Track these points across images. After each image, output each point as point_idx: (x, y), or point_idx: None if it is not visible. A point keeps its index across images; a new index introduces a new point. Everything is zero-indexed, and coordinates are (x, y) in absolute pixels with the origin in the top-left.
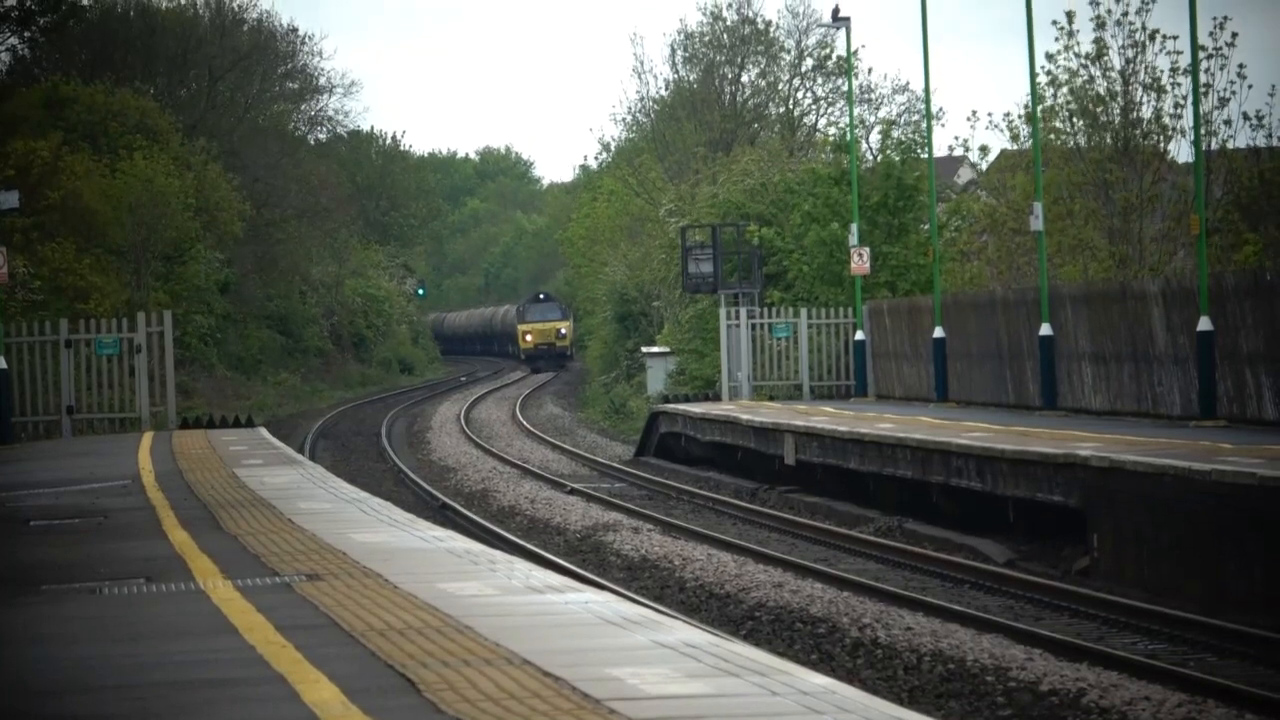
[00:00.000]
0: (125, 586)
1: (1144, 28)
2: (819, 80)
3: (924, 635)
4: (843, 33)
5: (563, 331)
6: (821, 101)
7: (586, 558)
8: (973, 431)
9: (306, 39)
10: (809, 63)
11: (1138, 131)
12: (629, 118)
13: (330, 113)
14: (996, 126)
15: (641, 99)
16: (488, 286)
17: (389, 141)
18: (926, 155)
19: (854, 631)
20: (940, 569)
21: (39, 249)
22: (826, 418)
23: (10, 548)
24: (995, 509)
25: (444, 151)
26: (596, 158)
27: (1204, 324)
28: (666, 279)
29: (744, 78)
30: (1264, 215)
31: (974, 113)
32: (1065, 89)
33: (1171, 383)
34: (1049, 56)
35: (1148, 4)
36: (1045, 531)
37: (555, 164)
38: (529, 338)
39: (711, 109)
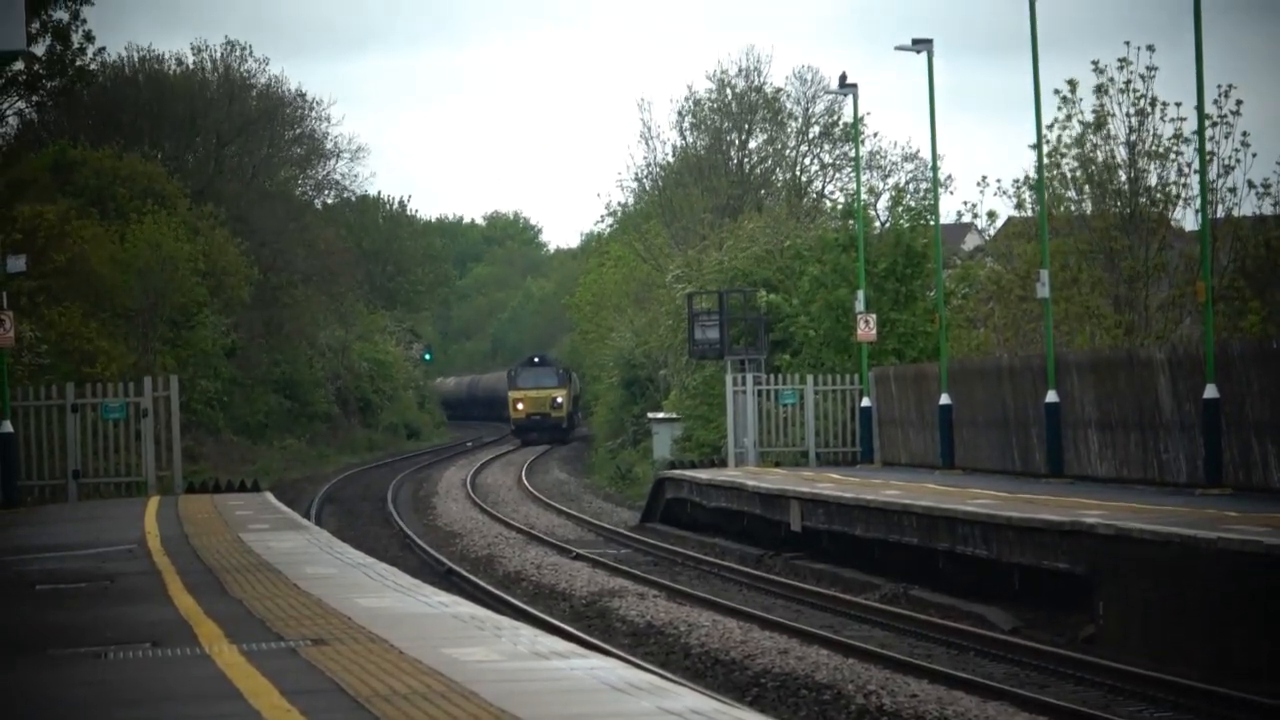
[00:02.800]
0: (131, 651)
1: (1148, 95)
2: (826, 147)
3: (929, 703)
4: (849, 99)
5: (558, 400)
6: (829, 168)
7: (592, 624)
8: (979, 498)
9: (314, 104)
10: (816, 129)
11: (1144, 200)
12: (636, 184)
13: (337, 177)
14: (1004, 193)
15: (649, 165)
16: (495, 351)
17: (396, 206)
18: (934, 222)
19: (859, 698)
20: (946, 636)
21: (45, 313)
22: (832, 484)
23: (16, 612)
24: (1001, 576)
25: (451, 216)
26: (602, 220)
27: (1210, 391)
28: (673, 345)
29: (751, 144)
30: (1269, 282)
31: (984, 178)
32: (1071, 156)
33: (1178, 450)
34: (1049, 127)
35: (1152, 71)
36: (1051, 599)
37: (563, 229)
38: (520, 406)
39: (719, 174)
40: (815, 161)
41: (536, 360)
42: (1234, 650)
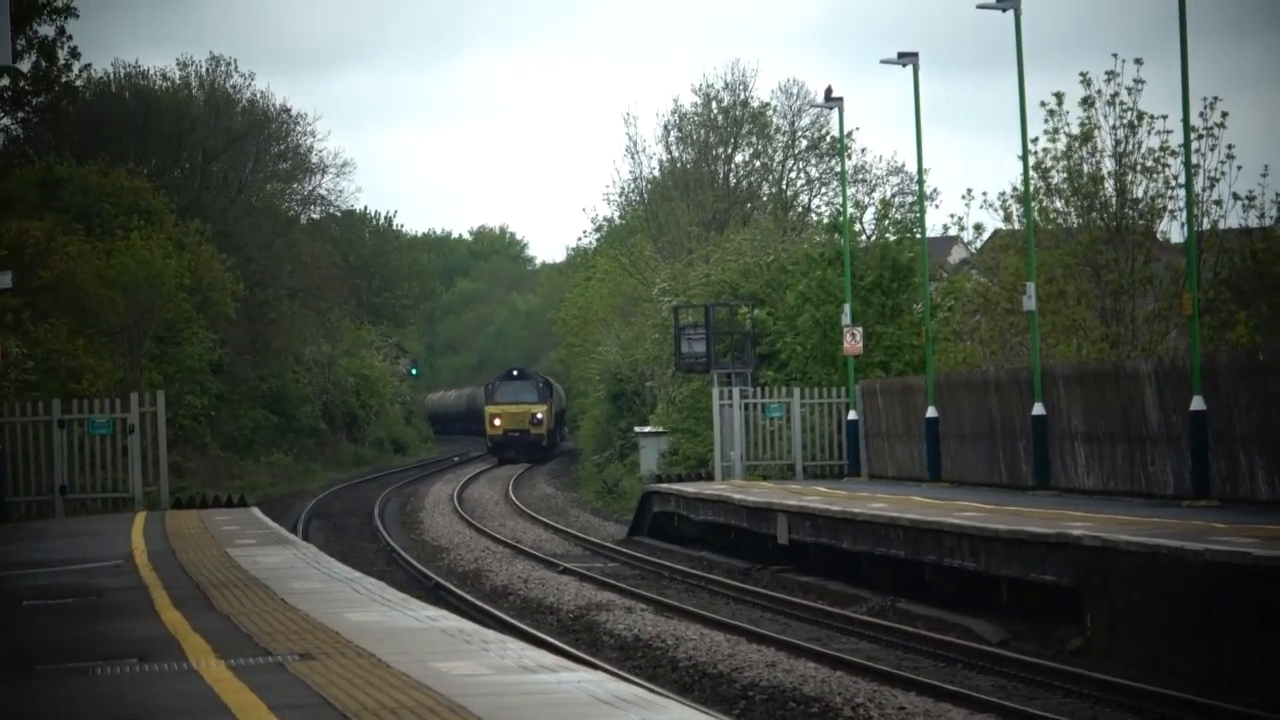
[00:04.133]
0: (118, 666)
1: (1134, 108)
2: (812, 160)
3: (917, 715)
4: (835, 113)
5: (538, 416)
6: (815, 182)
7: (579, 637)
8: (966, 511)
9: (300, 119)
10: (802, 143)
11: (1130, 212)
12: (622, 198)
13: (323, 192)
14: (991, 206)
15: (635, 179)
16: (481, 365)
17: (382, 222)
18: (920, 236)
19: (847, 711)
20: (933, 648)
21: (32, 329)
22: (819, 497)
23: (3, 627)
24: (988, 588)
25: (438, 231)
26: (587, 235)
27: (1197, 403)
28: (659, 358)
29: (737, 158)
30: (1255, 294)
31: (969, 191)
32: (1058, 169)
33: (1164, 462)
34: (1035, 140)
35: (1139, 84)
36: (1038, 611)
37: (549, 244)
38: (497, 422)
39: (705, 188)
40: (801, 175)
41: (515, 373)
42: (1222, 662)
